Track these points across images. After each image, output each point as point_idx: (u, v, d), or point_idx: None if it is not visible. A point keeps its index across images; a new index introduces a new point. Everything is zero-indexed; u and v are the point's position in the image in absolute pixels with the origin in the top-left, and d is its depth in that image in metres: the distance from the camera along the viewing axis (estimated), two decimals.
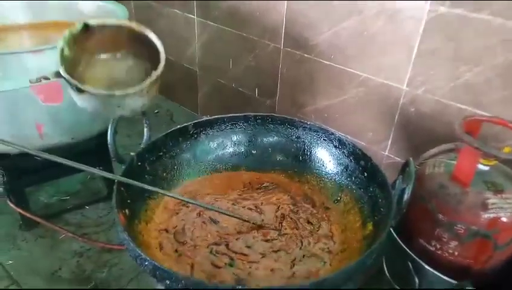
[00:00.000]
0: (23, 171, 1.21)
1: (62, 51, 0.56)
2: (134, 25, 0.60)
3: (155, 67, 0.64)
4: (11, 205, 1.17)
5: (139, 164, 0.87)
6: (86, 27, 0.57)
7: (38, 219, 1.23)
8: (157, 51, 0.62)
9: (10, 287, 1.11)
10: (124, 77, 0.67)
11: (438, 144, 0.98)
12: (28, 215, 1.23)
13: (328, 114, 1.35)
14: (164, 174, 0.97)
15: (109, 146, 0.79)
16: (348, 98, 1.27)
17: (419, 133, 1.14)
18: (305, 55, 1.30)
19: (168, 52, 0.67)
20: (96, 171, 0.73)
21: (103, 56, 0.64)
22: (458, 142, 0.92)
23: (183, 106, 1.89)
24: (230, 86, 1.63)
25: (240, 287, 0.58)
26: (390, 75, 1.13)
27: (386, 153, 1.25)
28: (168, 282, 0.64)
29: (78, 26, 0.56)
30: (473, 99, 1.00)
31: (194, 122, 1.02)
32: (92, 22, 0.57)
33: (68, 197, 1.41)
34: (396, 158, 1.22)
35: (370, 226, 0.83)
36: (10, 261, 1.18)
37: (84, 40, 0.58)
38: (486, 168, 0.86)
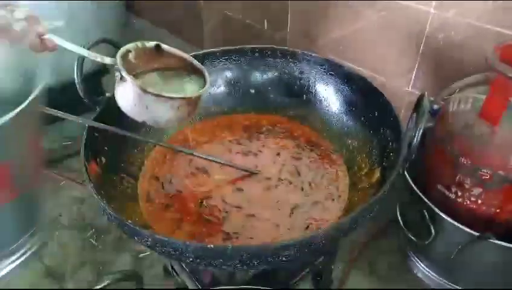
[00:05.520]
0: None
1: (127, 52, 0.63)
2: (194, 61, 0.69)
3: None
4: None
5: (118, 106, 0.77)
6: (158, 47, 0.66)
7: None
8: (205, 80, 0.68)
9: None
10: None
11: (469, 76, 0.83)
12: None
13: (343, 46, 1.19)
14: None
15: (77, 86, 0.70)
16: (367, 25, 1.11)
17: (448, 65, 0.99)
18: None
19: None
20: (60, 114, 0.66)
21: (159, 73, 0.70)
22: (490, 73, 0.76)
23: (187, 42, 1.75)
24: (238, 18, 1.47)
25: (212, 246, 0.51)
26: None
27: (409, 89, 1.11)
28: (136, 238, 0.58)
29: (152, 44, 0.65)
30: None
31: None
32: (164, 46, 0.67)
33: (71, 143, 1.38)
34: None
35: (377, 173, 0.73)
36: None
37: (149, 57, 0.66)
38: None
